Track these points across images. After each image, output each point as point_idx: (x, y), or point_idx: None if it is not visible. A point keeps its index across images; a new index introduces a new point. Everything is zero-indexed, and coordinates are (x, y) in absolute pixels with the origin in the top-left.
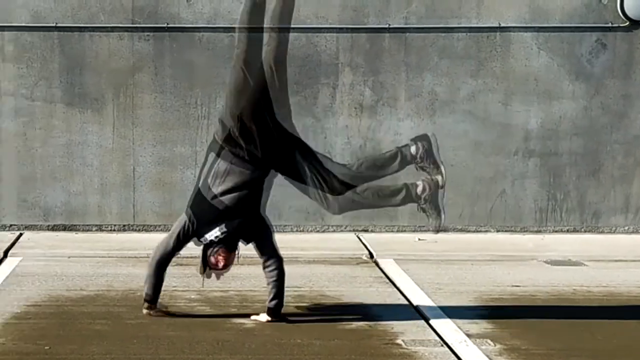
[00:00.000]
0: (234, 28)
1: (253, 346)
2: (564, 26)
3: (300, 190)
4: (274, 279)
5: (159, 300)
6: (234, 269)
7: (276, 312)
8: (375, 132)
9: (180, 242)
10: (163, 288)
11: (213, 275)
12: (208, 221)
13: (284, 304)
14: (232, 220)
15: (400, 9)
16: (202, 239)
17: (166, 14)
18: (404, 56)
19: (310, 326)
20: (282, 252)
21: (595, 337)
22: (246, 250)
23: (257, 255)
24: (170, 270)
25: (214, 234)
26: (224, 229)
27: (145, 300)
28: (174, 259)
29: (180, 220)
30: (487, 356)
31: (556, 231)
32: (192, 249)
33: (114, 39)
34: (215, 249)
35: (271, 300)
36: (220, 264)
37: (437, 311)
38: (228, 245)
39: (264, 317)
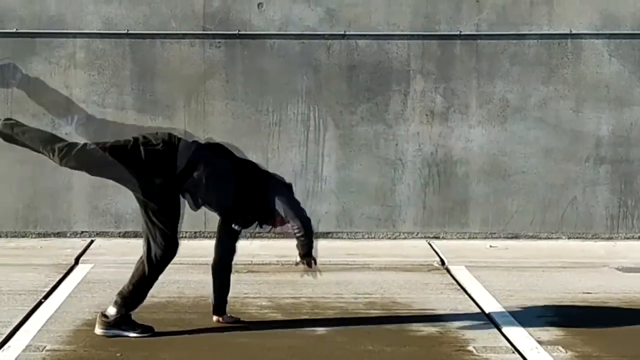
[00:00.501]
0: (305, 35)
1: (325, 353)
2: (635, 33)
3: None
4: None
5: (229, 308)
6: (305, 276)
7: (308, 253)
8: (447, 139)
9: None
10: (234, 295)
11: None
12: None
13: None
14: (236, 219)
15: (472, 16)
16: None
17: (237, 20)
18: (475, 63)
19: (382, 333)
20: (354, 259)
21: None
22: (317, 257)
23: (329, 262)
24: (242, 277)
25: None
26: (238, 225)
27: (215, 313)
28: (244, 266)
29: None
30: None
31: (627, 238)
32: (263, 256)
33: (185, 45)
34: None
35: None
36: (277, 225)
37: (508, 318)
38: (263, 221)
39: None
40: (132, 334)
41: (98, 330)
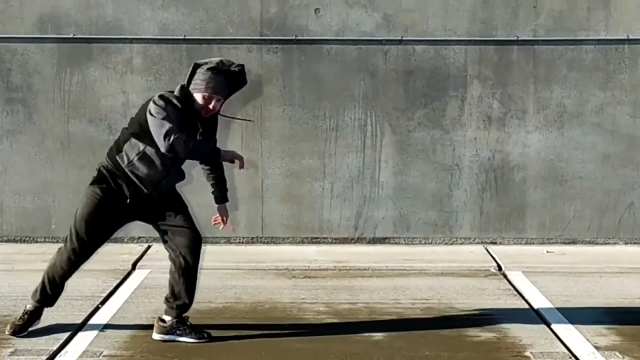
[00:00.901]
0: (362, 40)
1: (381, 358)
2: None
3: None
4: None
5: (286, 313)
6: (362, 281)
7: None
8: (504, 144)
9: None
10: (291, 300)
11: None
12: None
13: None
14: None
15: (529, 22)
16: None
17: (294, 26)
18: (532, 68)
19: (439, 338)
20: (411, 264)
21: None
22: (374, 263)
23: (386, 267)
24: (299, 282)
25: None
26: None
27: (219, 202)
28: (301, 271)
29: None
30: None
31: None
32: (320, 262)
33: (242, 51)
34: None
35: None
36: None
37: (565, 323)
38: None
39: None
40: (188, 339)
41: (155, 336)
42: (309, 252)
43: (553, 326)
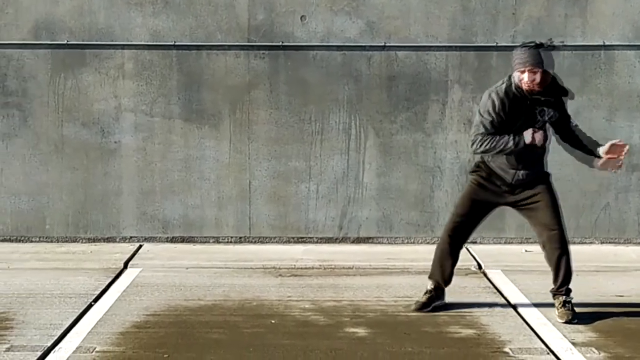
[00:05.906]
0: (346, 46)
1: (365, 354)
2: None
3: None
4: None
5: (273, 310)
6: (347, 280)
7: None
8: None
9: None
10: (278, 297)
11: None
12: None
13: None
14: None
15: (508, 28)
16: None
17: (281, 32)
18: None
19: (421, 335)
20: (394, 263)
21: None
22: (358, 261)
23: (370, 265)
24: (285, 280)
25: None
26: None
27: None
28: (288, 270)
29: None
30: None
31: None
32: (307, 261)
33: (230, 57)
34: None
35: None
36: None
37: (543, 320)
38: None
39: None
40: None
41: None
42: (295, 251)
43: (531, 323)
